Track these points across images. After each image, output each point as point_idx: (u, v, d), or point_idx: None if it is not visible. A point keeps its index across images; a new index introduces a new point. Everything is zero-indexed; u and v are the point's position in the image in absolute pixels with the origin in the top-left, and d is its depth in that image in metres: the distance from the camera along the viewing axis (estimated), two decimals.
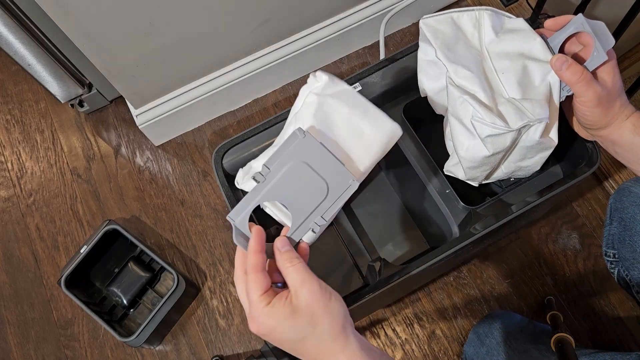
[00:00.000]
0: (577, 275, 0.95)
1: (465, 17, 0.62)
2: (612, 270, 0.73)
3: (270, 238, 0.75)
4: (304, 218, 0.52)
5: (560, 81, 0.58)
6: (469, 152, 0.61)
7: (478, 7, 0.62)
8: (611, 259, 0.72)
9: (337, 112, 0.61)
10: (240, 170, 0.72)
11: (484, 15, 0.61)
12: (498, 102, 0.58)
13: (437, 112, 0.71)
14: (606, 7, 1.13)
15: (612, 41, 0.54)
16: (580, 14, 0.57)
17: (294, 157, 0.52)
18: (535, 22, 1.11)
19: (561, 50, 0.59)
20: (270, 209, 0.63)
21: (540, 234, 0.98)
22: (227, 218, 0.52)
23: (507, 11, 1.17)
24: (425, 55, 0.66)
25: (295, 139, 0.52)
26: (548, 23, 0.59)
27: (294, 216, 0.52)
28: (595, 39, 0.55)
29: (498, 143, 0.58)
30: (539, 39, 0.59)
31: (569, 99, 0.60)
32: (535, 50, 0.58)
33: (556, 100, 0.59)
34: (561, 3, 1.12)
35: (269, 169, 0.52)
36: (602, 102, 0.55)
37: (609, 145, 0.60)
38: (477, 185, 0.70)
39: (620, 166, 1.00)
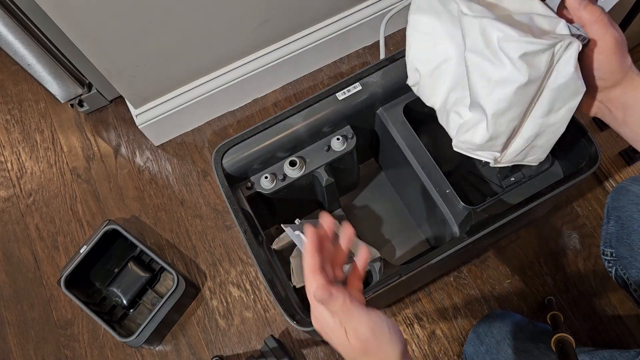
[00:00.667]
0: (577, 275, 0.95)
1: None
2: (610, 269, 0.73)
3: (270, 238, 0.76)
4: None
5: (571, 30, 0.50)
6: (497, 88, 0.51)
7: None
8: (609, 258, 0.72)
9: None
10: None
11: None
12: (525, 19, 0.50)
13: (428, 103, 0.64)
14: (606, 7, 1.12)
15: None
16: None
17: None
18: None
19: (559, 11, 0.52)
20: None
21: (541, 234, 0.98)
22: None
23: None
24: (418, 27, 0.59)
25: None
26: None
27: None
28: None
29: (534, 65, 0.49)
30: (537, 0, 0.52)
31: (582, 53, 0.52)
32: (536, 8, 0.52)
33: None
34: None
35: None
36: (620, 47, 0.49)
37: (619, 113, 0.52)
38: (492, 162, 0.61)
39: (620, 166, 1.00)
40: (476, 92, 0.54)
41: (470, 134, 0.58)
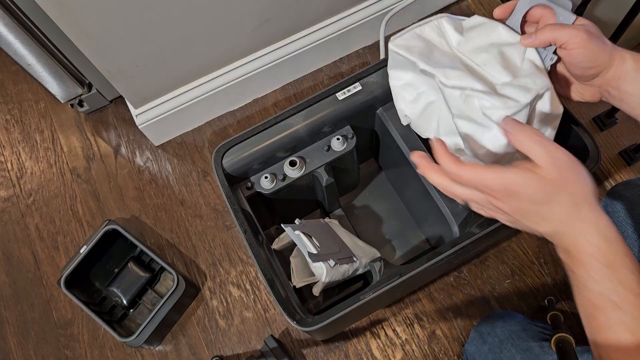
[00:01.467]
0: None
1: (427, 28, 0.63)
2: None
3: (270, 238, 0.76)
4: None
5: (540, 53, 0.57)
6: (488, 146, 0.57)
7: (435, 17, 0.63)
8: None
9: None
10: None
11: (443, 22, 0.62)
12: (497, 89, 0.57)
13: (424, 136, 0.70)
14: (606, 7, 1.13)
15: (569, 3, 0.55)
16: None
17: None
18: None
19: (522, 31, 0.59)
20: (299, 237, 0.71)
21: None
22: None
23: None
24: (399, 80, 0.67)
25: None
26: (497, 12, 0.60)
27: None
28: (553, 5, 0.55)
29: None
30: (500, 25, 0.59)
31: (555, 67, 0.58)
32: (503, 36, 0.58)
33: (546, 70, 0.58)
34: None
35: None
36: (593, 34, 0.52)
37: (616, 93, 0.54)
38: None
39: (620, 166, 1.00)
40: (472, 147, 0.60)
41: None
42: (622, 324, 0.42)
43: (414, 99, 0.68)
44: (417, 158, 0.52)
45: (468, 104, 0.58)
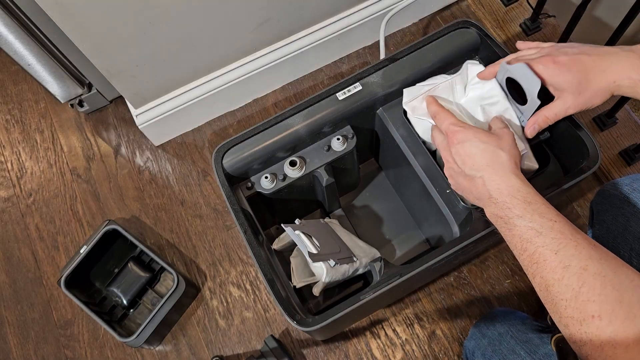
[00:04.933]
0: None
1: (440, 87, 0.73)
2: None
3: (270, 238, 0.76)
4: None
5: (519, 119, 0.68)
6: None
7: (450, 77, 0.73)
8: None
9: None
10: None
11: (456, 81, 0.73)
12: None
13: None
14: (606, 7, 1.13)
15: (537, 82, 0.61)
16: (503, 62, 0.67)
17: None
18: (535, 21, 1.12)
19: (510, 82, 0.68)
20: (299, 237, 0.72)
21: None
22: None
23: (507, 11, 1.19)
24: (414, 114, 0.75)
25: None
26: (482, 74, 0.69)
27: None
28: (523, 86, 0.64)
29: None
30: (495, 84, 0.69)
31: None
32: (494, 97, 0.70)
33: (525, 134, 0.68)
34: (561, 3, 1.12)
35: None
36: (565, 54, 0.59)
37: (629, 82, 0.56)
38: None
39: (620, 166, 1.00)
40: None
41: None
42: (545, 246, 0.49)
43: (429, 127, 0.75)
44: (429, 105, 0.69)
45: None
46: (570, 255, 0.48)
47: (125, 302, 0.99)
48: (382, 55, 1.04)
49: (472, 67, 0.72)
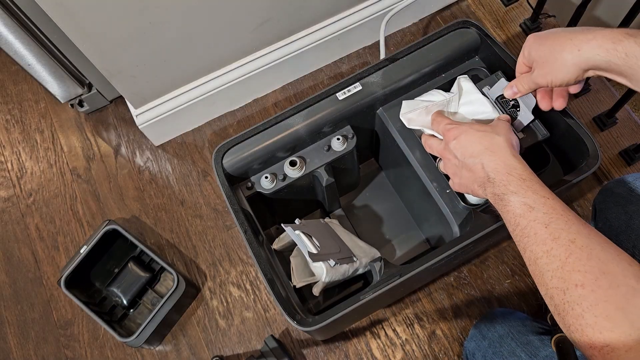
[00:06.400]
0: None
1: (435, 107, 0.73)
2: None
3: (270, 238, 0.76)
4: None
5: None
6: (469, 197, 0.72)
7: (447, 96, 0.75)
8: None
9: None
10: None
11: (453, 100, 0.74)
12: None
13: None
14: (606, 7, 1.13)
15: (533, 99, 0.67)
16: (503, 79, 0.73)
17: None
18: (535, 21, 1.12)
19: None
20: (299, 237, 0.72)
21: None
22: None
23: (507, 11, 1.19)
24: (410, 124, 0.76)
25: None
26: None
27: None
28: (520, 100, 0.70)
29: None
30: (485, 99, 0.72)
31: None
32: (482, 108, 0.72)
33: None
34: (561, 3, 1.12)
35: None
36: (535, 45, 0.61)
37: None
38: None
39: (620, 166, 1.00)
40: None
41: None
42: (536, 220, 0.51)
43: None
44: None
45: None
46: (560, 228, 0.49)
47: (125, 302, 0.99)
48: (382, 55, 1.04)
49: (464, 83, 0.74)
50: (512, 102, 0.71)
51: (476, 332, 0.80)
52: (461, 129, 0.62)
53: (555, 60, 0.57)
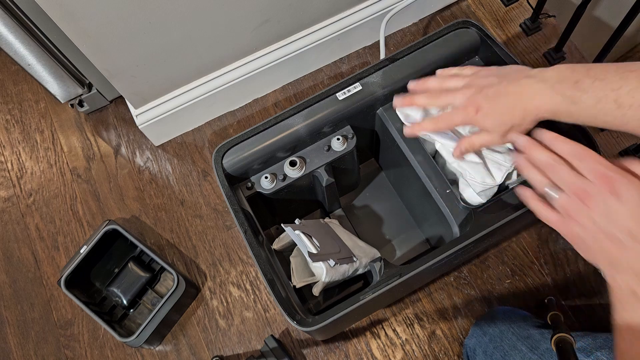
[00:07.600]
0: (577, 276, 0.95)
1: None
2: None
3: (270, 238, 0.76)
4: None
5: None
6: (469, 198, 0.73)
7: None
8: None
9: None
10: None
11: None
12: (484, 156, 0.68)
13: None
14: (606, 7, 1.13)
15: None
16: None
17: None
18: (535, 21, 1.12)
19: None
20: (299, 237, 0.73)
21: (541, 234, 0.98)
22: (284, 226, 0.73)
23: (507, 11, 1.19)
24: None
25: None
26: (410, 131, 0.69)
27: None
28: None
29: (489, 192, 0.70)
30: None
31: None
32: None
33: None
34: (561, 3, 1.12)
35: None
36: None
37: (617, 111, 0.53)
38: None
39: None
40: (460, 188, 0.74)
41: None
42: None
43: (428, 144, 0.77)
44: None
45: (456, 167, 0.70)
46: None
47: (125, 302, 0.99)
48: (382, 55, 1.04)
49: None
50: None
51: (477, 329, 0.80)
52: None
53: (513, 127, 0.59)
